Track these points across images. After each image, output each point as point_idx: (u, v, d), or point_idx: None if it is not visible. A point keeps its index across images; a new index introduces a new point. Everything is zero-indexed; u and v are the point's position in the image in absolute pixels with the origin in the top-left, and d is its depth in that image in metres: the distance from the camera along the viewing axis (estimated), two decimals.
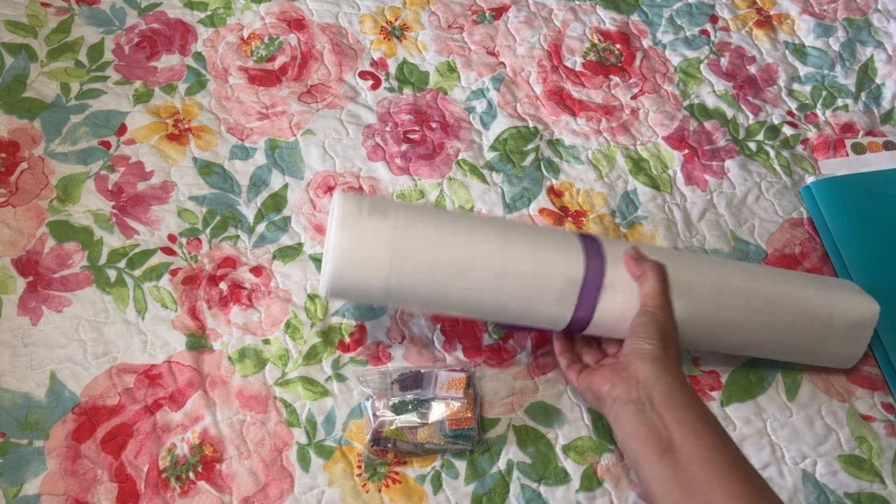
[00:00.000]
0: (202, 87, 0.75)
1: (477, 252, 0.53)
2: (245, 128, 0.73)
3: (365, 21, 0.81)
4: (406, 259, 0.52)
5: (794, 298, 0.59)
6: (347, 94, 0.76)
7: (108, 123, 0.72)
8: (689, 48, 0.83)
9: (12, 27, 0.76)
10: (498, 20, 0.83)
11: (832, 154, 0.77)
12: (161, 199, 0.68)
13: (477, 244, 0.53)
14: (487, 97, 0.78)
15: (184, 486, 0.56)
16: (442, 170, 0.73)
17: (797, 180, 0.75)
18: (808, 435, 0.62)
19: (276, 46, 0.78)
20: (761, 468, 0.60)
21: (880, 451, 0.62)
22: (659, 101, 0.79)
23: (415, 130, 0.75)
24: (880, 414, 0.63)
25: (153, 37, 0.78)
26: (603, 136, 0.76)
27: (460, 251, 0.53)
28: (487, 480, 0.58)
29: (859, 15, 0.87)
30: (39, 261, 0.64)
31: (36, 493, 0.55)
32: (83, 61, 0.75)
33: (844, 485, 0.60)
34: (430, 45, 0.80)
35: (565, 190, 0.73)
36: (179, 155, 0.71)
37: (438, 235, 0.53)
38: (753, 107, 0.80)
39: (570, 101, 0.78)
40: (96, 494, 0.56)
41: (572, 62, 0.81)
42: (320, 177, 0.71)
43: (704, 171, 0.75)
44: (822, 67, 0.83)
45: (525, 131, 0.76)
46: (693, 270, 0.58)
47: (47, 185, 0.68)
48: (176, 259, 0.66)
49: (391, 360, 0.63)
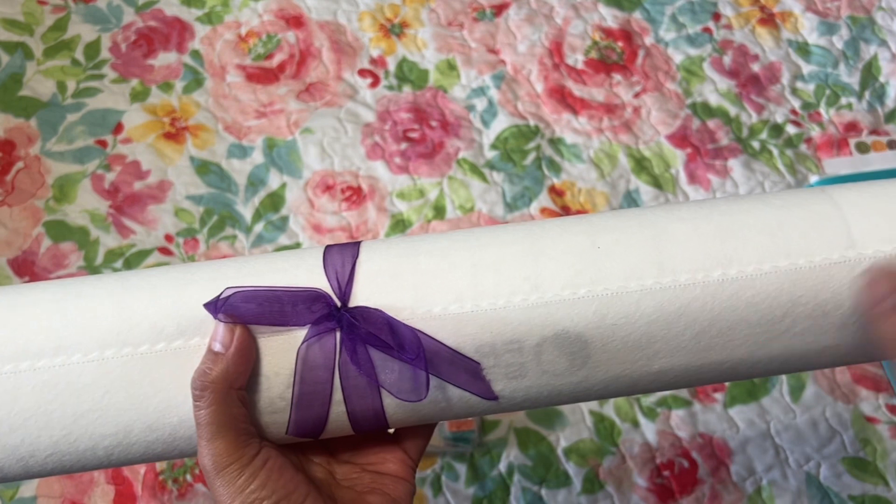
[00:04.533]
0: (199, 86, 0.74)
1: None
2: (243, 126, 0.73)
3: (364, 18, 0.81)
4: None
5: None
6: (346, 92, 0.76)
7: (104, 122, 0.71)
8: (691, 46, 0.82)
9: (8, 25, 0.75)
10: (499, 17, 0.83)
11: (836, 153, 0.77)
12: (158, 198, 0.68)
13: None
14: (488, 95, 0.77)
15: (181, 489, 0.56)
16: (442, 169, 0.72)
17: (801, 179, 0.75)
18: (813, 437, 0.61)
19: (274, 44, 0.78)
20: (765, 471, 0.60)
21: (885, 453, 0.61)
22: (661, 99, 0.78)
23: (414, 129, 0.74)
24: (885, 416, 0.63)
25: (150, 34, 0.77)
26: (605, 134, 0.76)
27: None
28: (488, 483, 0.58)
29: (863, 13, 0.86)
30: (35, 261, 0.63)
31: (32, 495, 0.55)
32: (79, 59, 0.74)
33: (849, 487, 0.59)
34: (430, 42, 0.80)
35: (567, 189, 0.72)
36: (176, 154, 0.70)
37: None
38: (756, 105, 0.79)
39: (572, 100, 0.77)
40: (93, 497, 0.55)
41: (574, 60, 0.80)
42: (319, 176, 0.70)
43: (707, 170, 0.74)
44: (826, 66, 0.82)
45: (526, 130, 0.75)
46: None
47: (43, 185, 0.67)
48: (173, 259, 0.65)
49: None
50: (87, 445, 0.32)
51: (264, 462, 0.30)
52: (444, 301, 0.31)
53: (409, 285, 0.32)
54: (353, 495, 0.33)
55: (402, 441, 0.35)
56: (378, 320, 0.30)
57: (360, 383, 0.31)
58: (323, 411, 0.31)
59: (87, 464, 0.32)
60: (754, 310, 0.32)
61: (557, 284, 0.31)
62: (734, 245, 0.32)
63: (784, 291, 0.32)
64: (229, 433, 0.29)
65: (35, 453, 0.32)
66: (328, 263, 0.32)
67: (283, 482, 0.30)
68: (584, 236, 0.32)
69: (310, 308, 0.31)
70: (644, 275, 0.31)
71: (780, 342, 0.32)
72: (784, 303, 0.32)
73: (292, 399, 0.31)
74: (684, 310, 0.31)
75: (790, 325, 0.32)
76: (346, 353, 0.30)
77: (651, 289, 0.31)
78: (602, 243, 0.32)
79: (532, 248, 0.32)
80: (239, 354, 0.30)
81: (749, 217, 0.33)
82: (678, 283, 0.31)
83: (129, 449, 0.32)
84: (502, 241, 0.33)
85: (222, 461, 0.29)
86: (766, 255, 0.32)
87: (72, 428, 0.31)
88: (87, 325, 0.31)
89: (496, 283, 0.31)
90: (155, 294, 0.32)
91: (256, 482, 0.29)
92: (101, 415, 0.31)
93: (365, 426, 0.32)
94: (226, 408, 0.30)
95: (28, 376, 0.31)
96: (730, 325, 0.32)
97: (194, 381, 0.30)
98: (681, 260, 0.32)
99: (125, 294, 0.32)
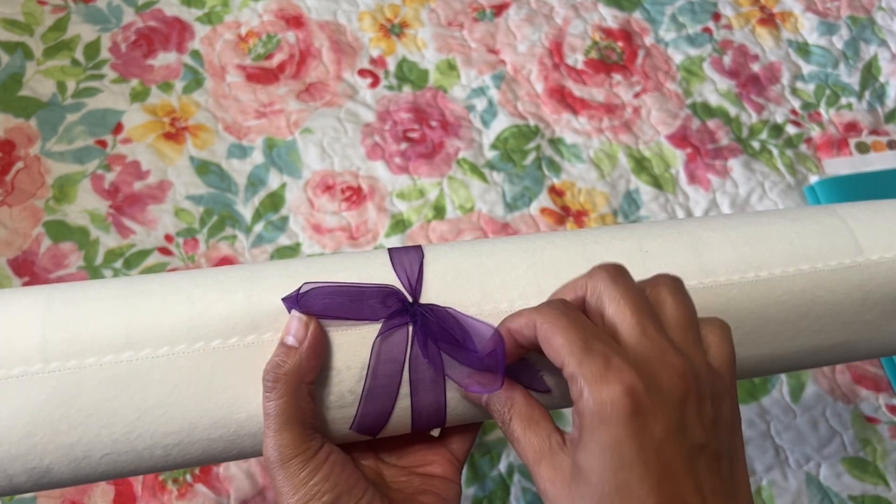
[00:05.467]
0: (199, 86, 0.74)
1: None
2: (243, 126, 0.73)
3: (364, 18, 0.81)
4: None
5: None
6: (346, 92, 0.76)
7: (104, 122, 0.71)
8: (691, 46, 0.82)
9: (8, 25, 0.75)
10: (498, 17, 0.83)
11: (836, 153, 0.77)
12: (158, 198, 0.68)
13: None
14: (488, 95, 0.77)
15: (181, 489, 0.56)
16: (442, 169, 0.72)
17: (801, 180, 0.75)
18: (813, 437, 0.61)
19: (274, 44, 0.78)
20: (765, 471, 0.60)
21: (885, 453, 0.61)
22: (661, 99, 0.78)
23: (414, 129, 0.74)
24: (885, 416, 0.63)
25: (150, 35, 0.77)
26: (605, 134, 0.76)
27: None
28: (488, 483, 0.58)
29: (863, 13, 0.86)
30: (35, 261, 0.63)
31: (32, 495, 0.55)
32: (79, 59, 0.74)
33: (849, 487, 0.59)
34: (430, 42, 0.80)
35: (567, 189, 0.72)
36: (176, 154, 0.70)
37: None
38: (756, 105, 0.79)
39: (572, 100, 0.77)
40: (93, 497, 0.55)
41: (574, 60, 0.80)
42: (319, 176, 0.70)
43: (707, 170, 0.74)
44: (826, 66, 0.82)
45: (526, 130, 0.75)
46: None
47: (43, 185, 0.67)
48: (173, 259, 0.65)
49: None
50: (147, 444, 0.31)
51: (327, 456, 0.30)
52: (510, 298, 0.33)
53: (475, 283, 0.33)
54: (405, 496, 0.33)
55: (448, 442, 0.36)
56: (448, 315, 0.32)
57: (427, 377, 0.32)
58: (389, 405, 0.32)
59: (141, 465, 0.32)
60: (781, 307, 0.35)
61: None
62: (762, 250, 0.36)
63: (807, 291, 0.36)
64: (296, 426, 0.30)
65: (90, 453, 0.31)
66: (396, 262, 0.33)
67: (344, 477, 0.30)
68: (630, 241, 0.35)
69: (384, 303, 0.32)
70: (689, 276, 0.34)
71: (799, 340, 0.36)
72: (806, 301, 0.36)
73: (362, 393, 0.32)
74: (724, 307, 0.35)
75: (810, 322, 0.36)
76: (418, 347, 0.31)
77: (696, 288, 0.34)
78: (648, 248, 0.35)
79: (585, 251, 0.35)
80: (312, 349, 0.30)
81: (770, 228, 0.37)
82: (718, 283, 0.35)
83: (188, 448, 0.32)
84: (557, 245, 0.35)
85: (288, 453, 0.29)
86: (790, 260, 0.36)
87: (135, 425, 0.31)
88: (155, 320, 0.31)
89: (557, 283, 0.33)
90: (224, 290, 0.32)
91: (319, 475, 0.30)
92: (166, 411, 0.31)
93: (424, 422, 0.33)
94: (295, 401, 0.30)
95: (92, 372, 0.30)
96: (762, 321, 0.35)
97: (267, 373, 0.30)
98: (718, 263, 0.35)
99: (194, 289, 0.32)
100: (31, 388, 0.30)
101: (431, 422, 0.33)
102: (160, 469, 0.33)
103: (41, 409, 0.30)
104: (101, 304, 0.31)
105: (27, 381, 0.30)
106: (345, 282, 0.32)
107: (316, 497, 0.29)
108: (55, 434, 0.30)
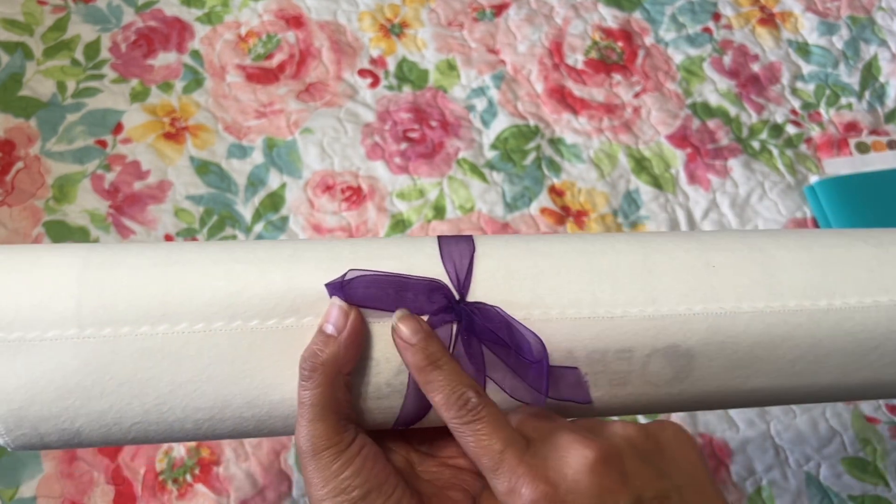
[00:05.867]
0: (199, 86, 0.74)
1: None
2: (243, 126, 0.73)
3: (364, 18, 0.81)
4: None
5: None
6: (346, 92, 0.76)
7: (104, 122, 0.71)
8: (691, 46, 0.82)
9: (8, 25, 0.75)
10: (498, 17, 0.83)
11: (836, 153, 0.77)
12: (158, 198, 0.68)
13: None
14: (488, 95, 0.77)
15: (181, 489, 0.56)
16: (442, 169, 0.72)
17: (801, 180, 0.75)
18: (813, 437, 0.61)
19: (274, 44, 0.78)
20: (765, 471, 0.60)
21: (885, 453, 0.61)
22: (661, 99, 0.78)
23: (414, 129, 0.74)
24: (885, 416, 0.63)
25: (150, 35, 0.77)
26: (605, 134, 0.76)
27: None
28: None
29: (863, 13, 0.86)
30: None
31: (32, 495, 0.55)
32: (79, 59, 0.74)
33: (849, 487, 0.59)
34: (430, 42, 0.80)
35: (567, 189, 0.72)
36: (176, 154, 0.70)
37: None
38: (756, 105, 0.79)
39: (572, 100, 0.77)
40: (93, 497, 0.55)
41: (574, 60, 0.80)
42: (319, 176, 0.70)
43: (707, 170, 0.74)
44: (826, 66, 0.82)
45: (526, 130, 0.75)
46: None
47: (43, 185, 0.67)
48: None
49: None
50: (178, 417, 0.31)
51: (360, 449, 0.30)
52: (561, 304, 0.32)
53: (527, 285, 0.32)
54: (435, 490, 0.32)
55: None
56: (496, 318, 0.30)
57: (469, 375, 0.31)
58: (427, 401, 0.31)
59: (171, 436, 0.32)
60: (851, 339, 0.33)
61: (673, 299, 0.32)
62: (836, 277, 0.33)
63: (881, 325, 0.33)
64: (331, 417, 0.29)
65: (121, 421, 0.31)
66: (445, 254, 0.32)
67: (375, 472, 0.30)
68: (696, 253, 0.33)
69: (429, 298, 0.31)
70: (755, 297, 0.33)
71: (866, 372, 0.34)
72: (879, 336, 0.33)
73: (408, 386, 0.31)
74: (789, 334, 0.33)
75: (879, 356, 0.34)
76: (462, 346, 0.30)
77: (762, 311, 0.32)
78: (714, 262, 0.33)
79: (647, 261, 0.33)
80: (351, 339, 0.30)
81: (849, 252, 0.34)
82: (787, 309, 0.33)
83: (219, 424, 0.32)
84: (617, 251, 0.33)
85: (320, 444, 0.29)
86: (867, 290, 0.33)
87: (167, 398, 0.31)
88: (193, 294, 0.30)
89: (613, 292, 0.32)
90: (264, 268, 0.31)
91: (351, 469, 0.29)
92: (199, 387, 0.31)
93: None
94: (332, 391, 0.29)
95: (127, 342, 0.30)
96: (827, 352, 0.33)
97: (304, 361, 0.30)
98: (788, 286, 0.33)
99: (234, 265, 0.31)
100: (64, 352, 0.30)
101: None
102: (190, 440, 0.33)
103: (74, 374, 0.30)
104: (138, 271, 0.31)
105: (61, 345, 0.30)
106: (391, 272, 0.31)
107: (346, 491, 0.29)
108: (87, 399, 0.30)
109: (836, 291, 0.33)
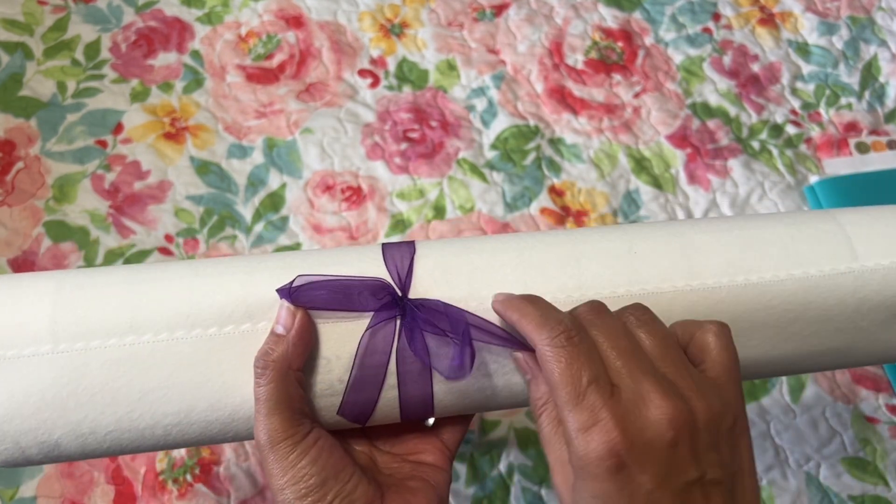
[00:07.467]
0: (199, 86, 0.74)
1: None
2: (243, 126, 0.73)
3: (364, 18, 0.81)
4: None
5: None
6: (346, 92, 0.76)
7: (104, 122, 0.71)
8: (691, 46, 0.82)
9: (8, 25, 0.75)
10: (498, 17, 0.83)
11: (836, 153, 0.77)
12: (158, 198, 0.68)
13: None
14: (488, 95, 0.77)
15: (181, 489, 0.56)
16: (442, 169, 0.72)
17: (801, 180, 0.75)
18: (812, 437, 0.61)
19: (274, 44, 0.78)
20: (765, 471, 0.60)
21: (884, 453, 0.61)
22: (661, 99, 0.78)
23: (414, 129, 0.74)
24: (885, 416, 0.63)
25: (150, 35, 0.77)
26: (605, 134, 0.76)
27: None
28: (488, 483, 0.58)
29: (863, 13, 0.86)
30: (35, 261, 0.63)
31: (32, 495, 0.55)
32: (80, 59, 0.74)
33: (848, 487, 0.59)
34: (430, 42, 0.80)
35: (566, 189, 0.72)
36: (176, 154, 0.70)
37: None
38: (756, 105, 0.79)
39: (572, 100, 0.77)
40: (93, 497, 0.55)
41: (574, 60, 0.80)
42: (319, 176, 0.70)
43: (707, 170, 0.74)
44: (826, 66, 0.82)
45: (526, 130, 0.75)
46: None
47: (43, 185, 0.67)
48: (172, 259, 0.65)
49: None
50: (148, 423, 0.33)
51: (315, 441, 0.31)
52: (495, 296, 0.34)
53: (463, 281, 0.34)
54: (395, 481, 0.34)
55: (441, 432, 0.37)
56: (435, 309, 0.32)
57: (414, 369, 0.33)
58: (374, 395, 0.33)
59: (144, 443, 0.34)
60: (770, 313, 0.35)
61: (599, 283, 0.34)
62: (753, 255, 0.35)
63: (797, 297, 0.35)
64: (285, 411, 0.31)
65: (96, 430, 0.33)
66: (388, 258, 0.34)
67: (332, 461, 0.31)
68: (620, 242, 0.36)
69: (375, 296, 0.33)
70: (676, 277, 0.35)
71: (791, 344, 0.36)
72: (796, 307, 0.35)
73: (348, 382, 0.33)
74: (711, 310, 0.35)
75: (801, 327, 0.36)
76: (405, 339, 0.32)
77: (682, 290, 0.34)
78: (637, 249, 0.35)
79: (574, 251, 0.35)
80: (299, 337, 0.32)
81: (764, 232, 0.36)
82: (706, 286, 0.35)
83: (187, 429, 0.33)
84: (546, 244, 0.35)
85: (277, 436, 0.31)
86: (781, 265, 0.35)
87: (136, 405, 0.32)
88: (157, 307, 0.33)
89: (544, 281, 0.34)
90: (223, 279, 0.33)
91: (307, 459, 0.31)
92: (166, 393, 0.32)
93: (412, 412, 0.34)
94: (283, 387, 0.31)
95: (98, 354, 0.32)
96: (750, 325, 0.35)
97: (257, 360, 0.32)
98: (707, 266, 0.35)
99: (195, 278, 0.34)
100: (41, 367, 0.32)
101: (419, 412, 0.34)
102: (161, 447, 0.34)
103: (51, 387, 0.32)
104: (107, 289, 0.33)
105: (38, 361, 0.32)
106: (337, 275, 0.33)
107: (303, 479, 0.30)
108: (63, 411, 0.32)
109: (753, 268, 0.35)
